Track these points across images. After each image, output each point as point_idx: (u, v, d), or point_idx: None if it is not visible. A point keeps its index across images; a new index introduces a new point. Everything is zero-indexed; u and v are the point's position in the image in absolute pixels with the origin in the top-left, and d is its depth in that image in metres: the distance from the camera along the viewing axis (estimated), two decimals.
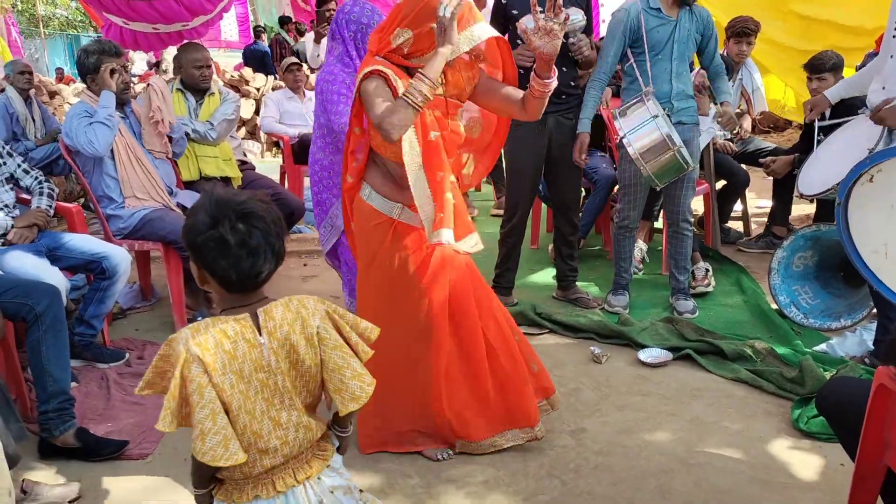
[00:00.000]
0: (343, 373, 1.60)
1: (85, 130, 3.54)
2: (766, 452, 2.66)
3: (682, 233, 3.89)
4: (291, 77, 6.25)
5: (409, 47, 2.26)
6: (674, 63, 3.65)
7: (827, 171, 3.45)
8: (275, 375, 1.57)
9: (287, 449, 1.61)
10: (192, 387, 1.47)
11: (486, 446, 2.62)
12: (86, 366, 3.40)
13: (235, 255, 1.50)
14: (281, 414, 1.59)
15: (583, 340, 3.65)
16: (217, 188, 1.60)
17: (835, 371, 3.07)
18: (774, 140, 8.23)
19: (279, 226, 1.57)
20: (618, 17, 3.66)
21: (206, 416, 1.47)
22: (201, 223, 1.51)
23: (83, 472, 2.62)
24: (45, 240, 3.33)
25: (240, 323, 1.54)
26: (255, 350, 1.54)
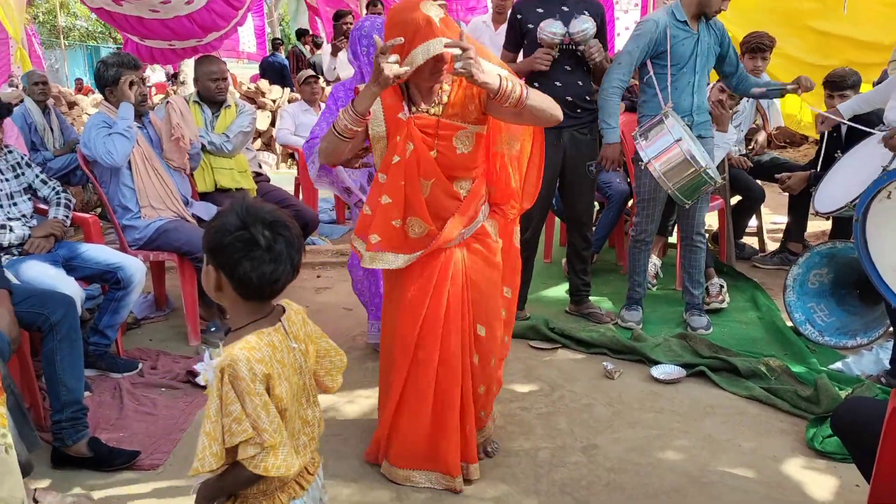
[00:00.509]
0: (332, 355, 1.77)
1: (104, 141, 3.58)
2: (780, 472, 2.63)
3: (695, 245, 3.88)
4: (308, 89, 6.29)
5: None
6: (696, 76, 3.65)
7: (842, 188, 3.44)
8: (304, 376, 1.66)
9: (314, 446, 1.70)
10: (257, 401, 1.48)
11: (402, 477, 2.56)
12: (99, 375, 3.41)
13: (260, 258, 1.52)
14: (307, 411, 1.68)
15: (595, 356, 3.64)
16: (246, 198, 1.67)
17: (850, 390, 3.04)
18: (790, 155, 8.19)
19: (300, 240, 1.62)
20: (646, 27, 3.61)
21: (275, 429, 1.50)
22: (231, 224, 1.53)
23: (95, 482, 2.63)
24: (62, 250, 3.35)
25: (279, 333, 1.60)
26: (291, 355, 1.61)
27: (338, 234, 6.06)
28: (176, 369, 3.52)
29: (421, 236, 2.46)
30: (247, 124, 4.55)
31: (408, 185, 2.39)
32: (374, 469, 2.67)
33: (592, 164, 3.87)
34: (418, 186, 2.39)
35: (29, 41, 12.47)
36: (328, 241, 5.83)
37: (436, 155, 2.38)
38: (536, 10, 3.72)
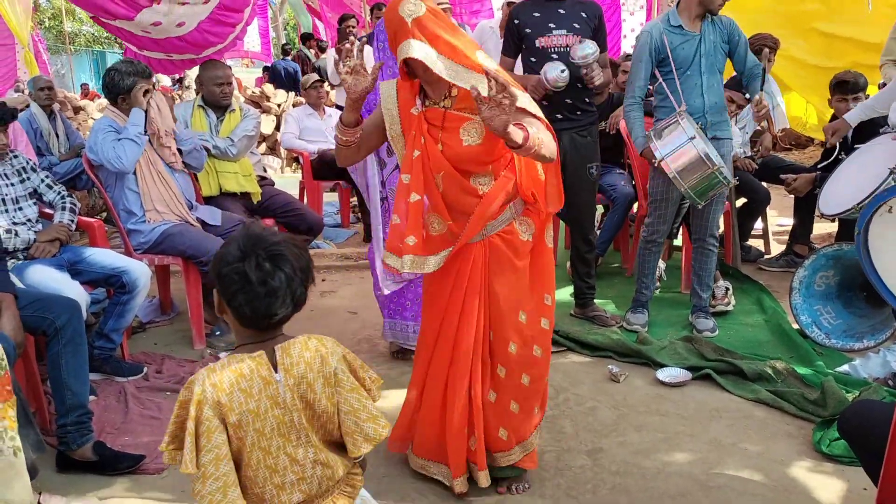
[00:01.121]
0: (358, 415, 1.64)
1: (113, 146, 3.59)
2: (787, 475, 2.61)
3: (707, 248, 3.86)
4: (315, 94, 6.32)
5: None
6: (704, 77, 3.61)
7: (848, 190, 3.42)
8: (290, 412, 1.59)
9: (305, 486, 1.62)
10: (201, 428, 1.50)
11: (419, 465, 2.59)
12: (105, 379, 3.42)
13: (254, 293, 1.52)
14: (297, 450, 1.61)
15: (600, 359, 3.63)
16: (256, 225, 1.63)
17: (857, 393, 3.03)
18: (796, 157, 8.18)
19: (306, 273, 1.59)
20: (642, 40, 3.65)
21: (210, 460, 1.49)
22: (231, 255, 1.54)
23: (100, 486, 2.63)
24: (67, 254, 3.36)
25: (255, 360, 1.56)
26: (271, 387, 1.56)
27: (342, 238, 6.07)
28: (181, 373, 3.52)
29: (441, 233, 2.41)
30: (251, 128, 4.55)
31: (424, 179, 2.35)
32: (382, 475, 2.65)
33: (593, 167, 3.87)
34: (432, 180, 2.35)
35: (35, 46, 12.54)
36: (332, 244, 5.84)
37: (441, 147, 2.32)
38: (533, 15, 3.72)
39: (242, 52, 15.42)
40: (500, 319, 2.42)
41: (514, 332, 2.42)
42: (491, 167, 2.36)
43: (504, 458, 2.49)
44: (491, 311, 2.42)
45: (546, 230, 2.51)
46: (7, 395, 1.88)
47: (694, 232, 3.92)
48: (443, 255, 2.40)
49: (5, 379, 1.89)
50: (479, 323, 2.41)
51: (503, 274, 2.40)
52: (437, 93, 2.33)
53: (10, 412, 1.89)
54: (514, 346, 2.43)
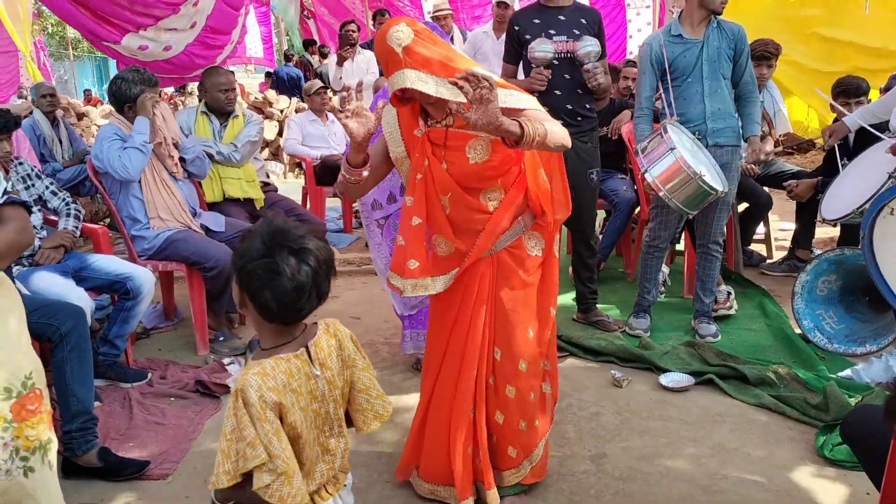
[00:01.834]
0: (370, 393, 1.69)
1: (119, 155, 3.60)
2: (790, 480, 2.62)
3: (711, 254, 3.87)
4: (318, 100, 6.34)
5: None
6: (706, 82, 3.61)
7: (849, 195, 3.43)
8: (327, 404, 1.62)
9: (331, 474, 1.66)
10: (268, 428, 1.48)
11: (427, 491, 2.51)
12: (109, 385, 3.43)
13: (281, 289, 1.50)
14: (329, 440, 1.65)
15: (603, 364, 3.63)
16: (278, 217, 1.61)
17: (860, 397, 3.03)
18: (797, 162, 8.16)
19: (329, 266, 1.58)
20: (643, 52, 3.70)
21: (287, 457, 1.49)
22: (255, 249, 1.51)
23: (105, 492, 2.64)
24: (72, 260, 3.38)
25: (300, 359, 1.58)
26: (312, 382, 1.59)
27: (345, 243, 6.08)
28: (185, 379, 3.53)
29: (448, 254, 2.36)
30: (254, 134, 4.57)
31: (428, 201, 2.31)
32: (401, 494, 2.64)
33: (594, 172, 3.88)
34: (438, 202, 2.30)
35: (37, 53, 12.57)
36: (335, 249, 5.84)
37: (446, 167, 2.28)
38: (533, 21, 3.73)
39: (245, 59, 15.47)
40: (509, 337, 2.38)
41: (524, 350, 2.39)
42: (500, 181, 2.32)
43: (512, 475, 2.48)
44: (498, 328, 2.38)
45: (554, 242, 2.49)
46: (27, 414, 1.84)
47: (698, 238, 3.92)
48: (451, 275, 2.37)
49: (27, 398, 1.85)
50: (485, 340, 2.38)
51: (512, 290, 2.37)
52: (439, 112, 2.28)
53: (27, 431, 1.84)
54: (524, 363, 2.39)
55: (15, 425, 1.81)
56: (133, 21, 4.57)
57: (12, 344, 1.86)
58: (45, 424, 1.90)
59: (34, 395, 1.87)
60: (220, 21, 5.35)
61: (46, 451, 1.91)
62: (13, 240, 1.88)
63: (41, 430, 1.89)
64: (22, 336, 1.91)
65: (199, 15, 4.83)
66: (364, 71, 7.37)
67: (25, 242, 1.95)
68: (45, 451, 1.91)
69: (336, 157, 6.11)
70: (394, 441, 2.94)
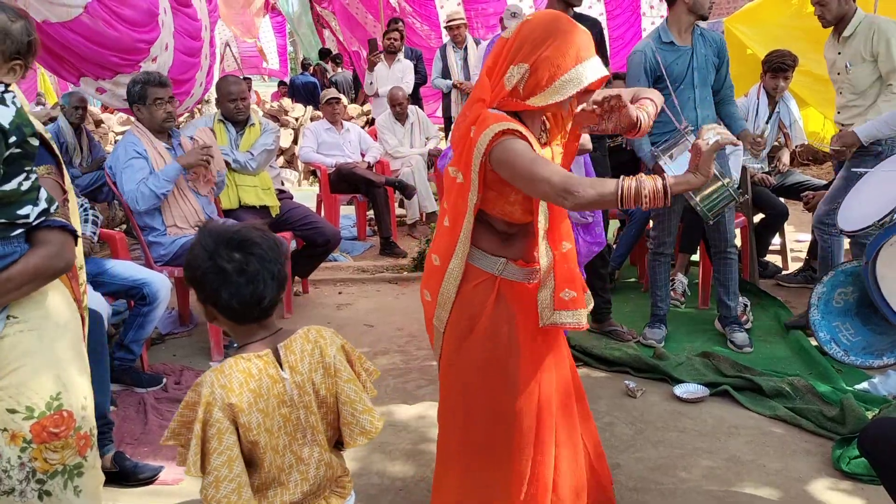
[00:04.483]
0: (355, 406, 1.63)
1: (137, 186, 3.66)
2: (806, 493, 2.60)
3: (728, 258, 3.88)
4: (330, 109, 6.38)
5: (525, 84, 1.90)
6: (696, 90, 3.68)
7: (867, 207, 3.40)
8: (297, 410, 1.59)
9: (307, 486, 1.62)
10: (211, 431, 1.48)
11: None
12: (124, 390, 3.45)
13: (235, 284, 1.51)
14: (303, 449, 1.61)
15: (617, 374, 3.62)
16: (209, 224, 1.62)
17: (877, 410, 3.00)
18: (813, 173, 8.12)
19: (276, 251, 1.58)
20: (636, 61, 3.70)
21: (222, 462, 1.48)
22: (198, 258, 1.53)
23: (119, 497, 2.66)
24: (89, 266, 3.39)
25: (262, 359, 1.56)
26: (278, 385, 1.56)
27: (359, 251, 6.10)
28: None
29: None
30: (271, 142, 4.60)
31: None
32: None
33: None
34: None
35: None
36: (349, 257, 5.86)
37: None
38: None
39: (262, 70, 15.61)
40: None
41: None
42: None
43: None
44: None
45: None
46: (49, 437, 1.79)
47: (713, 245, 3.92)
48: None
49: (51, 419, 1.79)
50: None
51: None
52: (535, 127, 2.05)
53: (47, 454, 1.79)
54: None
55: (34, 446, 1.77)
56: (88, 70, 4.63)
57: (41, 362, 1.81)
58: (71, 449, 1.84)
59: (59, 417, 1.81)
60: (179, 71, 5.43)
61: (72, 475, 1.86)
62: (40, 265, 1.80)
63: (66, 455, 1.83)
64: (58, 354, 1.85)
65: (160, 69, 4.91)
66: (398, 80, 7.43)
67: (57, 268, 1.85)
68: (69, 477, 1.85)
69: (351, 164, 6.14)
70: (405, 450, 2.94)
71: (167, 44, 5.05)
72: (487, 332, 2.03)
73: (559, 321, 2.00)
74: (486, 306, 2.04)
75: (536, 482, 2.07)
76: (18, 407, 1.76)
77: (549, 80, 1.87)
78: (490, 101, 1.97)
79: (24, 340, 1.80)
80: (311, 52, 16.56)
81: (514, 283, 2.07)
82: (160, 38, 4.86)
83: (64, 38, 4.21)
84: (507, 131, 1.87)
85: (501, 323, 2.03)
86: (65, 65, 4.54)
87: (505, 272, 2.06)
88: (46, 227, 1.84)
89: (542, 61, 1.86)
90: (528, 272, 2.08)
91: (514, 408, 2.04)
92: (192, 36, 5.59)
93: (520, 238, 2.08)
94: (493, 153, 1.88)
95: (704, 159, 1.82)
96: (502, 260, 2.06)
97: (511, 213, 2.02)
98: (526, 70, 1.88)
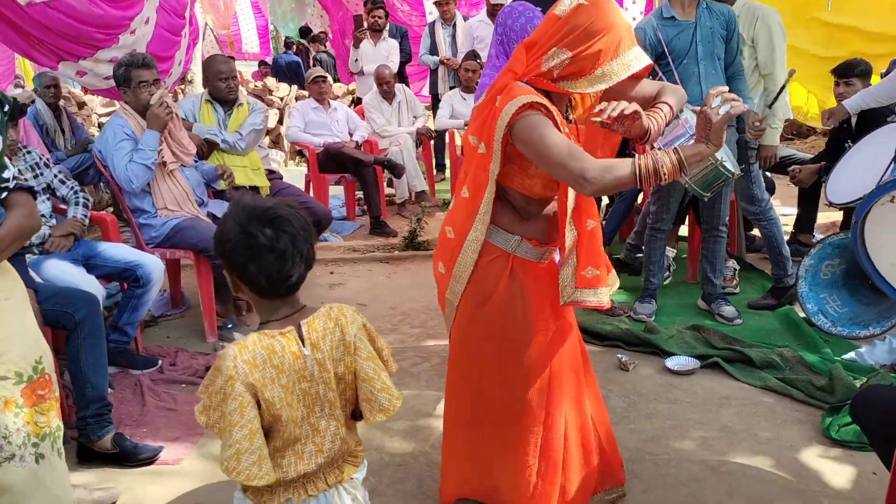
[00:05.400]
0: (373, 384, 1.66)
1: (127, 167, 3.63)
2: (798, 461, 2.66)
3: (719, 236, 3.92)
4: (316, 88, 6.33)
5: (562, 70, 1.88)
6: (701, 64, 3.63)
7: (857, 180, 3.45)
8: (317, 385, 1.62)
9: (321, 458, 1.65)
10: (232, 405, 1.50)
11: None
12: (120, 372, 3.46)
13: (264, 260, 1.53)
14: (320, 422, 1.64)
15: (609, 348, 3.66)
16: (244, 197, 1.64)
17: (865, 379, 3.07)
18: (798, 147, 8.19)
19: (307, 231, 1.60)
20: (636, 38, 3.67)
21: (244, 436, 1.50)
22: (230, 231, 1.55)
23: (120, 477, 2.68)
24: (81, 248, 3.39)
25: (286, 337, 1.59)
26: (299, 361, 1.59)
27: (349, 231, 6.09)
28: (195, 365, 3.56)
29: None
30: (259, 122, 4.58)
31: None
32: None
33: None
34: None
35: None
36: (340, 237, 5.86)
37: None
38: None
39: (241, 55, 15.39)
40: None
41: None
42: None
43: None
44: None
45: None
46: (37, 399, 1.85)
47: (704, 222, 3.96)
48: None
49: (38, 383, 1.86)
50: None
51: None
52: (562, 105, 2.02)
53: (37, 417, 1.85)
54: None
55: (26, 410, 1.83)
56: (70, 50, 4.59)
57: (22, 329, 1.88)
58: (54, 411, 1.92)
59: (44, 380, 1.89)
60: (160, 47, 5.38)
61: (56, 438, 1.92)
62: (22, 225, 1.90)
63: (51, 417, 1.90)
64: (29, 321, 1.93)
65: (138, 43, 4.87)
66: (384, 58, 7.39)
67: (32, 228, 1.95)
68: (54, 439, 1.92)
69: (339, 144, 6.12)
70: (403, 427, 2.97)
71: (148, 17, 5.00)
72: (502, 306, 2.05)
73: (581, 298, 2.02)
74: (501, 281, 2.05)
75: (546, 460, 2.11)
76: (9, 374, 1.80)
77: (592, 68, 1.86)
78: (521, 74, 1.95)
79: (5, 308, 1.85)
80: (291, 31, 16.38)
81: (526, 262, 2.08)
82: (143, 11, 4.81)
83: (48, 17, 4.17)
84: (534, 104, 1.86)
85: (516, 299, 2.05)
86: (44, 49, 4.49)
87: (518, 250, 2.06)
88: (17, 189, 1.91)
89: (590, 52, 1.84)
90: (540, 252, 2.09)
91: (525, 385, 2.06)
92: (177, 13, 5.54)
93: (538, 217, 2.08)
94: (515, 126, 1.87)
95: (716, 129, 1.80)
96: (517, 237, 2.06)
97: (531, 187, 2.02)
98: (568, 57, 1.86)
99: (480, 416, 2.14)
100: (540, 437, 2.09)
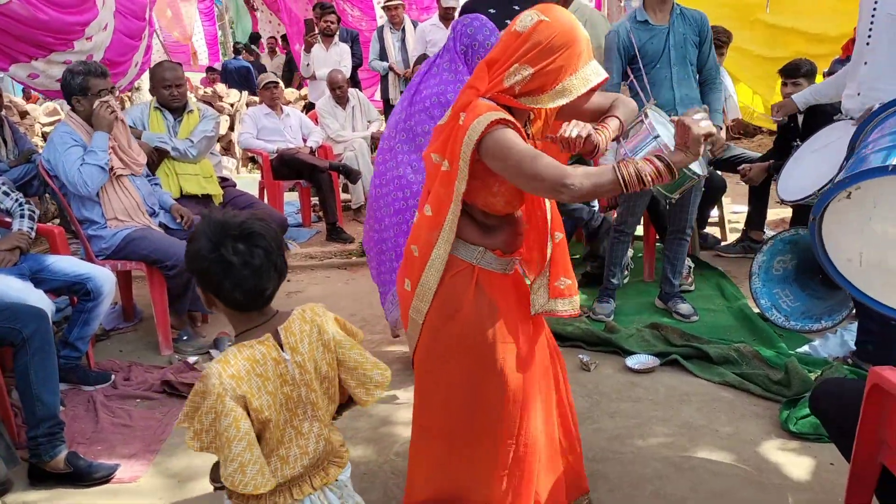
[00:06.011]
0: (364, 367, 1.71)
1: (79, 170, 3.52)
2: (758, 454, 2.70)
3: (684, 239, 3.99)
4: (269, 94, 6.25)
5: (524, 86, 1.87)
6: (674, 69, 3.68)
7: (808, 177, 3.52)
8: (298, 388, 1.64)
9: (306, 460, 1.67)
10: (226, 421, 1.50)
11: None
12: (71, 389, 3.35)
13: (240, 276, 1.54)
14: (303, 424, 1.66)
15: (570, 348, 3.67)
16: (214, 212, 1.63)
17: (819, 372, 3.13)
18: (745, 146, 8.38)
19: (279, 242, 1.62)
20: (610, 39, 3.72)
21: (244, 448, 1.50)
22: (203, 248, 1.55)
23: (75, 497, 2.59)
24: (28, 262, 3.27)
25: (265, 345, 1.59)
26: (281, 366, 1.60)
27: (305, 238, 6.03)
28: (150, 380, 3.46)
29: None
30: (210, 129, 4.49)
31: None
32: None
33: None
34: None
35: None
36: (296, 244, 5.79)
37: None
38: (489, 11, 3.75)
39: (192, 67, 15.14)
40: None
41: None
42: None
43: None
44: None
45: None
46: None
47: (672, 224, 4.00)
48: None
49: None
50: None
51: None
52: (521, 120, 2.01)
53: None
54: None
55: None
56: (23, 50, 4.48)
57: None
58: None
59: None
60: (118, 52, 5.30)
61: None
62: None
63: None
64: None
65: (96, 49, 4.78)
66: (336, 62, 7.33)
67: None
68: None
69: (293, 149, 6.05)
70: (366, 435, 2.94)
71: (106, 24, 4.90)
72: (471, 319, 2.01)
73: (555, 309, 2.03)
74: (467, 295, 2.02)
75: (521, 473, 2.07)
76: None
77: (553, 83, 1.85)
78: (484, 90, 1.93)
79: None
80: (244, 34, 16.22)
81: (492, 274, 2.05)
82: (98, 18, 4.70)
83: None
84: (501, 121, 1.84)
85: (484, 312, 2.02)
86: None
87: (482, 261, 2.03)
88: None
89: (552, 68, 1.84)
90: (504, 262, 2.07)
91: (499, 398, 2.03)
92: (136, 16, 5.44)
93: (500, 228, 2.06)
94: (485, 143, 1.85)
95: (694, 141, 1.80)
96: (480, 248, 2.03)
97: (493, 205, 2.00)
98: (530, 73, 1.84)
99: (450, 430, 2.11)
100: (513, 450, 2.06)
